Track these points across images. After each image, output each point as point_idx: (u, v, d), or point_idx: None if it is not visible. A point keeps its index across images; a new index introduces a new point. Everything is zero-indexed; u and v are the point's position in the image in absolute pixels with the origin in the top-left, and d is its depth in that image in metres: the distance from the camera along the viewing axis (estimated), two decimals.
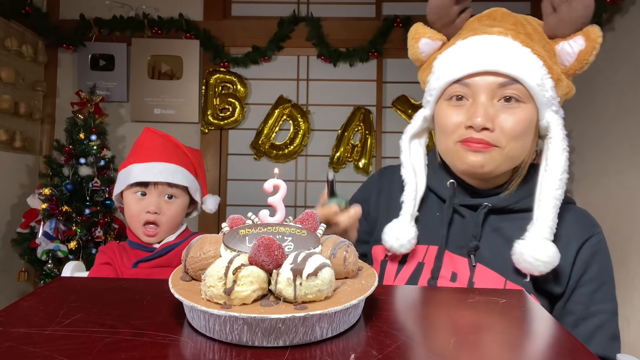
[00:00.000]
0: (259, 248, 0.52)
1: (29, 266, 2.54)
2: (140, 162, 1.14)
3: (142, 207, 1.12)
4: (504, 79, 0.78)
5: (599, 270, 0.81)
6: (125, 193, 1.16)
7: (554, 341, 0.52)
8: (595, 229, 0.84)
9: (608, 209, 2.12)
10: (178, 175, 1.15)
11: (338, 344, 0.50)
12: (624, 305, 1.94)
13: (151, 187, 1.13)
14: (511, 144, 0.79)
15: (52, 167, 2.48)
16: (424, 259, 0.86)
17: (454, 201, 0.87)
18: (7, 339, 0.49)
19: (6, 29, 2.51)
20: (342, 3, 2.98)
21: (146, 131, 1.22)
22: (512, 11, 0.90)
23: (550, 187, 0.79)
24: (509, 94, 0.78)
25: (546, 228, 0.77)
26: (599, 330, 0.79)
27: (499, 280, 0.80)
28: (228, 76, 2.93)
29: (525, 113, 0.79)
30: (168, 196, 1.15)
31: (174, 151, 1.19)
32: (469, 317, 0.61)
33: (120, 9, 2.88)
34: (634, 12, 2.02)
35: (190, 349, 0.48)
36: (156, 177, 1.12)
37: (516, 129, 0.79)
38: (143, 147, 1.17)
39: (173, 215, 1.15)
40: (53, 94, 2.93)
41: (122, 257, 1.14)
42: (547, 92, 0.80)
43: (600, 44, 0.80)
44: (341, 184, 2.87)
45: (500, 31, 0.82)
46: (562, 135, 0.81)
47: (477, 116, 0.77)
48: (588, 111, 2.33)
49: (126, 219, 1.17)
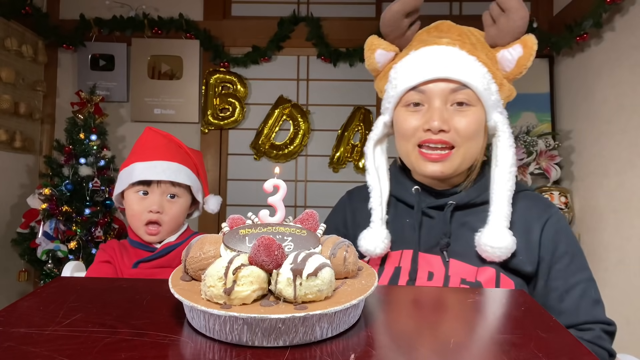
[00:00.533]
0: (259, 248, 0.52)
1: (29, 266, 2.54)
2: (143, 160, 1.13)
3: (144, 206, 1.12)
4: (455, 84, 0.86)
5: (567, 245, 0.89)
6: (126, 192, 1.15)
7: (554, 341, 0.52)
8: (552, 209, 0.92)
9: (608, 209, 2.12)
10: (181, 174, 1.14)
11: (338, 344, 0.50)
12: (624, 305, 1.94)
13: (154, 186, 1.13)
14: (466, 144, 0.88)
15: (52, 167, 2.48)
16: (400, 263, 0.92)
17: (422, 205, 0.94)
18: (7, 339, 0.49)
19: (6, 29, 2.51)
20: (342, 3, 2.98)
21: (148, 130, 1.21)
22: None
23: (501, 180, 0.88)
24: (460, 99, 0.87)
25: (502, 218, 0.86)
26: (582, 299, 0.86)
27: (471, 270, 0.87)
28: (228, 76, 2.93)
29: (476, 115, 0.88)
30: (170, 195, 1.14)
31: (177, 151, 1.19)
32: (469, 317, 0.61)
33: (120, 9, 2.88)
34: (634, 12, 2.02)
35: (190, 349, 0.48)
36: (159, 176, 1.11)
37: (469, 130, 0.87)
38: (145, 146, 1.17)
39: (175, 214, 1.14)
40: (53, 94, 2.92)
41: (123, 256, 1.14)
42: (492, 95, 0.89)
43: (535, 50, 0.89)
44: (341, 184, 2.87)
45: (449, 42, 0.90)
46: (508, 134, 0.90)
47: (434, 120, 0.85)
48: (588, 111, 2.33)
49: (127, 218, 1.16)
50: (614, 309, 1.99)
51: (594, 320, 0.84)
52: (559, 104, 2.64)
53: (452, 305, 0.67)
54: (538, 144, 2.39)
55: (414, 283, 0.88)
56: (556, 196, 2.34)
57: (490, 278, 0.86)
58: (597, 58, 2.26)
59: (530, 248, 0.88)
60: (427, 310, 0.66)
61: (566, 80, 2.58)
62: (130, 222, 1.16)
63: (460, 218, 0.92)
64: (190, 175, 1.17)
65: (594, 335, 0.83)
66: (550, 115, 2.65)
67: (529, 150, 2.39)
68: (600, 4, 2.08)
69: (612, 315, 0.87)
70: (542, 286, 0.88)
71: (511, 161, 0.89)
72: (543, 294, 0.88)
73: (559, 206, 2.32)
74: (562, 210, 2.33)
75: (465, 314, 0.62)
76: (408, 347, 0.50)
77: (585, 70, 2.37)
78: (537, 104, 2.66)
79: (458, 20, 0.97)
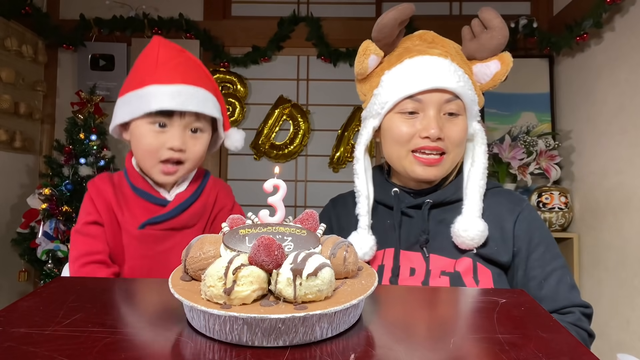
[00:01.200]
0: (259, 248, 0.52)
1: (29, 266, 2.54)
2: (162, 83, 0.90)
3: (162, 141, 0.91)
4: (449, 95, 0.92)
5: (540, 236, 0.95)
6: (136, 123, 0.92)
7: (554, 341, 0.52)
8: (523, 203, 0.99)
9: (608, 209, 2.12)
10: (209, 104, 0.93)
11: (338, 344, 0.50)
12: (624, 305, 1.94)
13: (176, 117, 0.91)
14: (455, 150, 0.95)
15: (52, 167, 2.48)
16: (382, 262, 0.97)
17: (401, 206, 0.99)
18: (7, 339, 0.49)
19: (6, 29, 2.50)
20: (342, 3, 2.98)
21: (159, 41, 0.97)
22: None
23: (476, 178, 0.95)
24: (452, 109, 0.93)
25: (475, 208, 0.92)
26: (559, 285, 0.91)
27: (450, 262, 0.92)
28: (228, 76, 2.93)
29: (463, 124, 0.95)
30: (193, 130, 0.93)
31: (198, 72, 0.97)
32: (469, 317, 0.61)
33: (120, 9, 2.88)
34: (634, 12, 2.02)
35: (190, 349, 0.48)
36: (185, 105, 0.89)
37: (459, 137, 0.94)
38: (159, 63, 0.93)
39: (199, 153, 0.95)
40: (53, 94, 2.92)
41: (123, 209, 0.93)
42: (475, 106, 0.96)
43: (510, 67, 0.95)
44: (341, 184, 2.87)
45: (440, 53, 0.95)
46: (484, 139, 0.99)
47: (432, 128, 0.90)
48: (588, 111, 2.33)
49: (136, 154, 0.95)
50: (614, 309, 2.00)
51: (572, 304, 0.90)
52: (559, 104, 2.64)
53: (452, 305, 0.67)
54: (538, 144, 2.39)
55: (397, 279, 0.93)
56: (556, 196, 2.34)
57: (467, 267, 0.91)
58: (597, 58, 2.26)
59: (504, 239, 0.94)
60: (427, 310, 0.66)
61: (566, 80, 2.58)
62: (141, 159, 0.94)
63: (437, 215, 0.97)
64: (217, 104, 0.96)
65: (575, 318, 0.89)
66: (550, 115, 2.65)
67: (529, 150, 2.38)
68: (600, 4, 2.08)
69: (612, 315, 0.87)
70: (522, 276, 0.94)
71: (485, 163, 0.97)
72: (523, 283, 0.93)
73: (558, 206, 2.32)
74: (562, 211, 2.33)
75: (465, 314, 0.62)
76: (408, 347, 0.50)
77: (585, 70, 2.37)
78: (537, 104, 2.66)
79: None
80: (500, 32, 0.93)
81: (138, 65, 0.97)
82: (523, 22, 2.56)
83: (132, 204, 0.94)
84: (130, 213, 0.94)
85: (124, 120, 0.94)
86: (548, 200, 2.34)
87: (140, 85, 0.91)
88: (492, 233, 0.92)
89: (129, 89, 0.93)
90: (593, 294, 2.12)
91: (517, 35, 2.59)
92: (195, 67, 0.98)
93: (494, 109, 2.66)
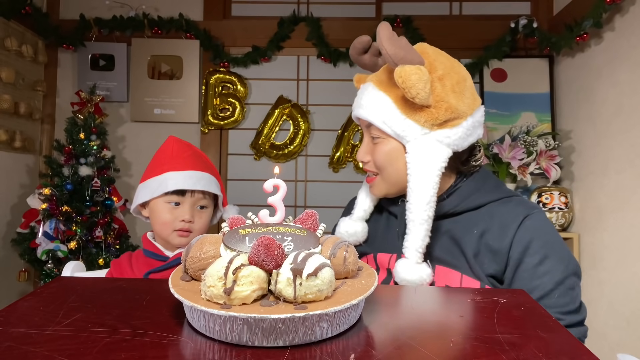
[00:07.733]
0: (259, 248, 0.52)
1: (29, 266, 2.54)
2: (177, 170, 1.13)
3: (175, 215, 1.12)
4: (367, 121, 0.95)
5: (540, 246, 0.87)
6: (155, 201, 1.14)
7: (554, 341, 0.52)
8: (531, 211, 0.91)
9: (608, 209, 2.12)
10: (212, 185, 1.16)
11: (338, 344, 0.50)
12: (624, 305, 1.94)
13: (187, 196, 1.13)
14: (384, 172, 0.95)
15: (52, 167, 2.48)
16: (389, 265, 0.98)
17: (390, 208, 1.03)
18: (7, 339, 0.49)
19: (6, 29, 2.50)
20: (342, 3, 2.98)
21: (173, 140, 1.20)
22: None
23: (417, 210, 0.89)
24: (373, 134, 0.95)
25: (415, 253, 0.88)
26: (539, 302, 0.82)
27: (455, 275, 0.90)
28: (228, 76, 2.93)
29: (386, 147, 0.93)
30: (200, 206, 1.15)
31: (203, 161, 1.20)
32: (469, 317, 0.61)
33: (120, 9, 2.88)
34: (634, 12, 2.02)
35: (190, 349, 0.48)
36: (195, 186, 1.12)
37: (380, 160, 0.95)
38: (173, 155, 1.16)
39: (204, 225, 1.16)
40: (53, 94, 2.92)
41: (133, 268, 1.13)
42: (400, 125, 0.89)
43: (401, 79, 0.86)
44: (341, 184, 2.87)
45: (371, 78, 0.98)
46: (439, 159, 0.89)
47: (359, 153, 0.99)
48: (588, 111, 2.33)
49: (155, 227, 1.15)
50: (614, 309, 1.99)
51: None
52: (559, 104, 2.64)
53: (452, 306, 0.67)
54: (538, 144, 2.39)
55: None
56: (556, 196, 2.34)
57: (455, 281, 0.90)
58: (597, 58, 2.26)
59: (499, 253, 0.88)
60: (427, 310, 0.66)
61: (566, 80, 2.58)
62: (159, 230, 1.14)
63: (442, 226, 0.95)
64: (218, 185, 1.19)
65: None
66: (550, 115, 2.65)
67: (529, 150, 2.38)
68: (600, 4, 2.08)
69: (612, 315, 0.87)
70: (507, 285, 0.89)
71: (435, 188, 0.89)
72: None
73: (559, 206, 2.32)
74: (562, 211, 2.33)
75: (465, 314, 0.62)
76: (408, 347, 0.50)
77: (585, 70, 2.37)
78: (537, 104, 2.65)
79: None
80: (386, 55, 0.87)
81: (156, 158, 1.19)
82: (523, 22, 2.56)
83: (140, 263, 1.14)
84: (137, 268, 1.12)
85: (145, 200, 1.15)
86: (548, 200, 2.34)
87: (159, 172, 1.14)
88: (484, 251, 0.89)
89: (149, 176, 1.16)
90: (593, 294, 2.12)
91: (517, 35, 2.59)
92: (201, 157, 1.21)
93: (494, 109, 2.66)
